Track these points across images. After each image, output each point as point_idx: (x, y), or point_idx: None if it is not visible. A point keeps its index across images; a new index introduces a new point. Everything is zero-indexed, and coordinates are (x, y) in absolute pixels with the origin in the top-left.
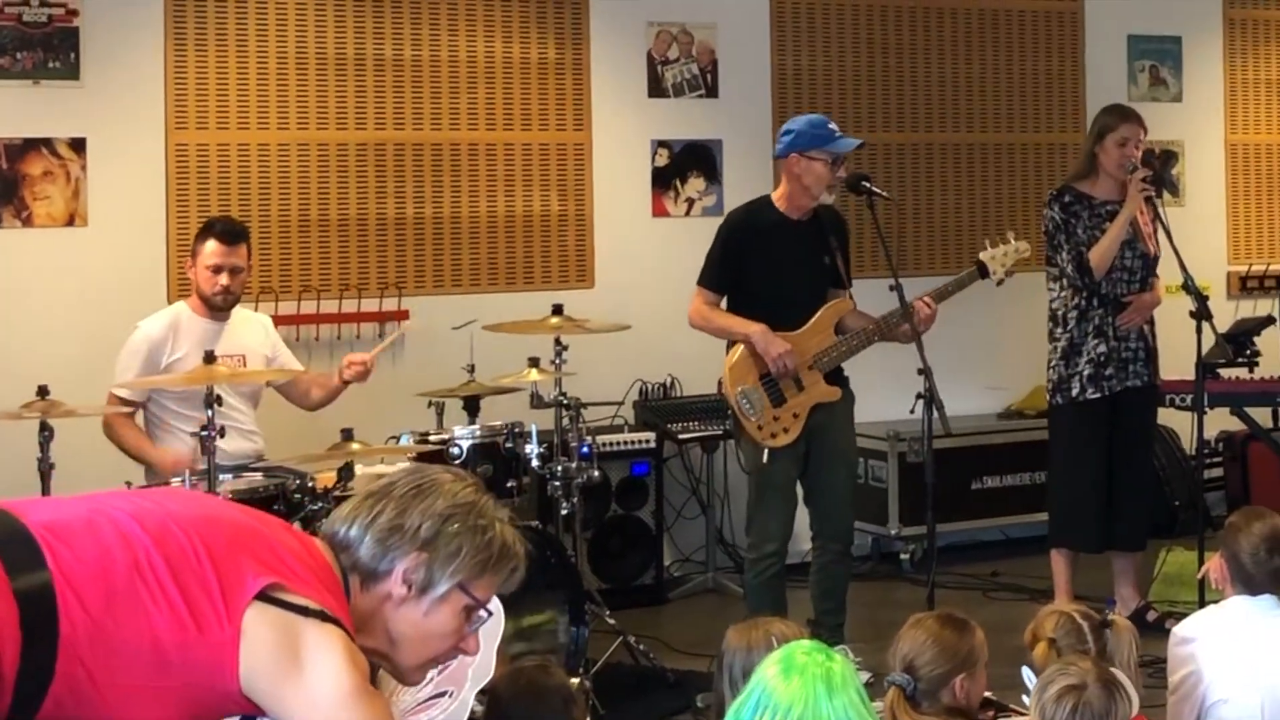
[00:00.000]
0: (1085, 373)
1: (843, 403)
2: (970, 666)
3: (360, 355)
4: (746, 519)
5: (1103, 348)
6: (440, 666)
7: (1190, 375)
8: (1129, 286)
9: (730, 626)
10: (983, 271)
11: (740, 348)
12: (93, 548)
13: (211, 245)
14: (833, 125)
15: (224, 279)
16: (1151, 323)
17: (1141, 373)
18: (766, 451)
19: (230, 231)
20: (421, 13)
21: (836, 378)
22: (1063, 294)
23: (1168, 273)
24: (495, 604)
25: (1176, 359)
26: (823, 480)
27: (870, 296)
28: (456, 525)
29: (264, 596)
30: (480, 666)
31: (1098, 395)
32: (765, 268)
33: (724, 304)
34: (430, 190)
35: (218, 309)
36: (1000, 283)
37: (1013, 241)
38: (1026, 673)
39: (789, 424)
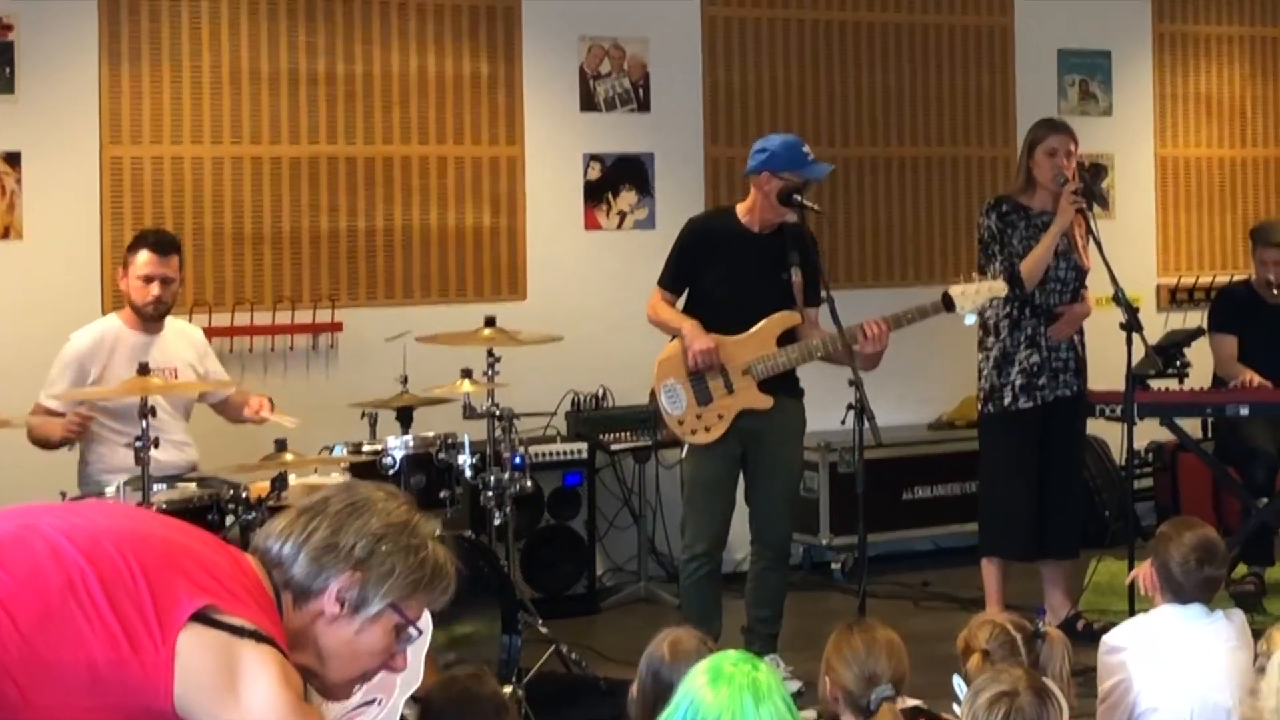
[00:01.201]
0: (1018, 382)
1: (788, 413)
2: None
3: (264, 414)
4: (680, 522)
5: (1035, 357)
6: None
7: (1121, 386)
8: (1061, 297)
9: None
10: (948, 305)
11: (676, 343)
12: (24, 565)
13: (144, 256)
14: (807, 149)
15: (155, 289)
16: (1081, 333)
17: (1071, 382)
18: (685, 448)
19: (162, 242)
20: (354, 28)
21: (788, 388)
22: (994, 304)
23: (1098, 285)
24: (425, 617)
25: (1107, 370)
26: (760, 487)
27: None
28: (389, 545)
29: (199, 617)
30: (409, 673)
31: (1030, 404)
32: (718, 274)
33: (680, 305)
34: (363, 203)
35: (149, 319)
36: (973, 319)
37: (987, 279)
38: (958, 681)
39: (711, 423)
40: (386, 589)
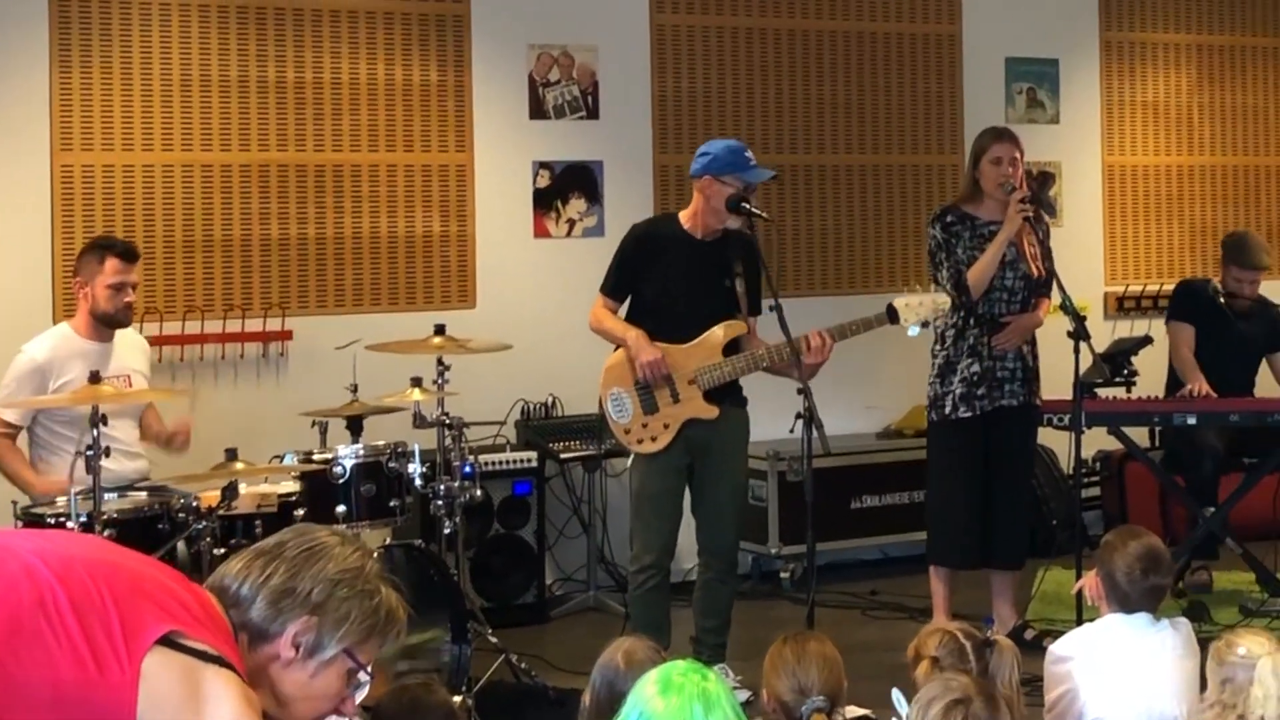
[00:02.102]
0: (958, 391)
1: (733, 423)
2: (843, 674)
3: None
4: (629, 533)
5: (976, 367)
6: None
7: (1068, 395)
8: (1009, 307)
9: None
10: (892, 317)
11: (621, 352)
12: None
13: (113, 263)
14: (749, 154)
15: (128, 295)
16: (1033, 343)
17: (1018, 393)
18: (632, 457)
19: (130, 250)
20: (304, 35)
21: (733, 397)
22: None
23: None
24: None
25: (1054, 379)
26: (707, 498)
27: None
28: (345, 590)
29: (165, 640)
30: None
31: (969, 414)
32: (660, 282)
33: (623, 311)
34: (314, 211)
35: (118, 325)
36: (917, 331)
37: (932, 291)
38: (896, 695)
39: (658, 433)
40: (342, 634)
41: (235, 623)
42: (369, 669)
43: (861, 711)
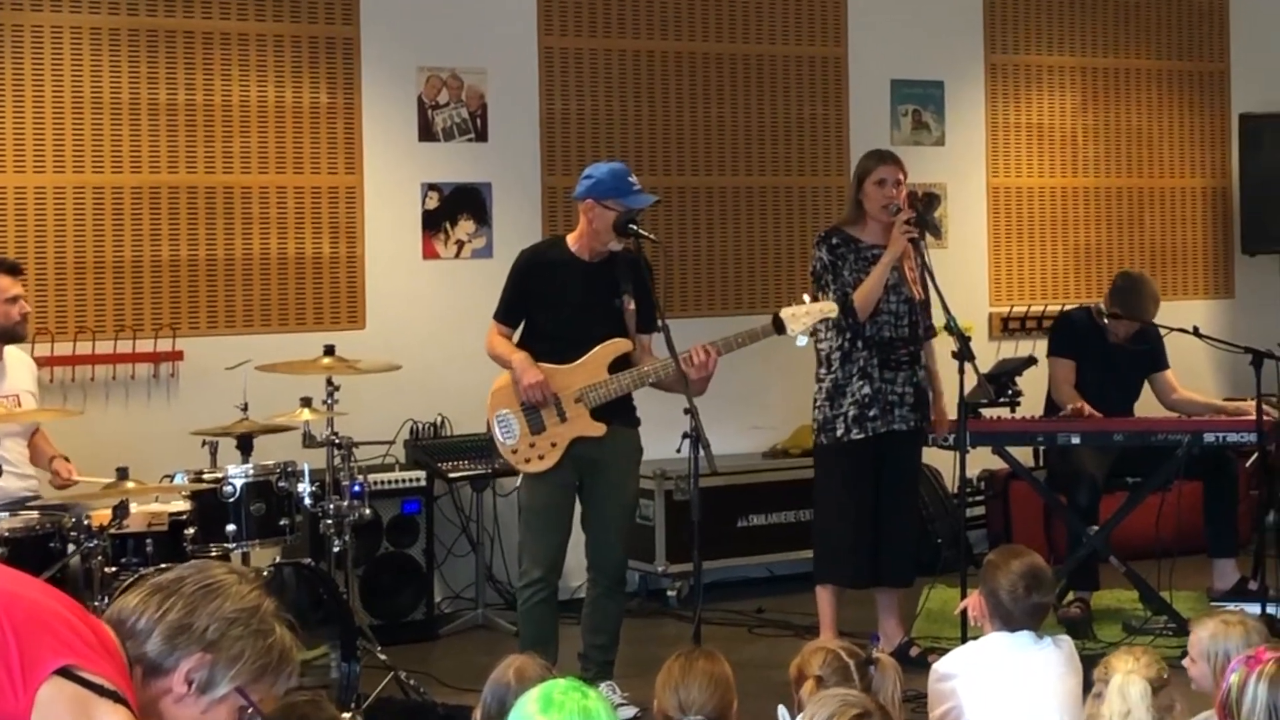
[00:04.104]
0: (850, 414)
1: (623, 442)
2: (735, 694)
3: (74, 478)
4: (518, 548)
5: (867, 389)
6: None
7: (953, 415)
8: (895, 330)
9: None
10: (779, 328)
11: (506, 374)
12: None
13: (4, 280)
14: (633, 179)
15: (18, 308)
16: (925, 369)
17: (908, 417)
18: (521, 476)
19: (14, 265)
20: (195, 57)
21: (625, 416)
22: (828, 335)
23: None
24: None
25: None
26: (596, 515)
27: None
28: (240, 629)
29: (62, 672)
30: None
31: (862, 436)
32: (551, 305)
33: (517, 336)
34: (204, 232)
35: (13, 339)
36: (804, 340)
37: (818, 300)
38: (782, 712)
39: (545, 451)
40: (235, 672)
41: (130, 656)
42: (260, 708)
43: None
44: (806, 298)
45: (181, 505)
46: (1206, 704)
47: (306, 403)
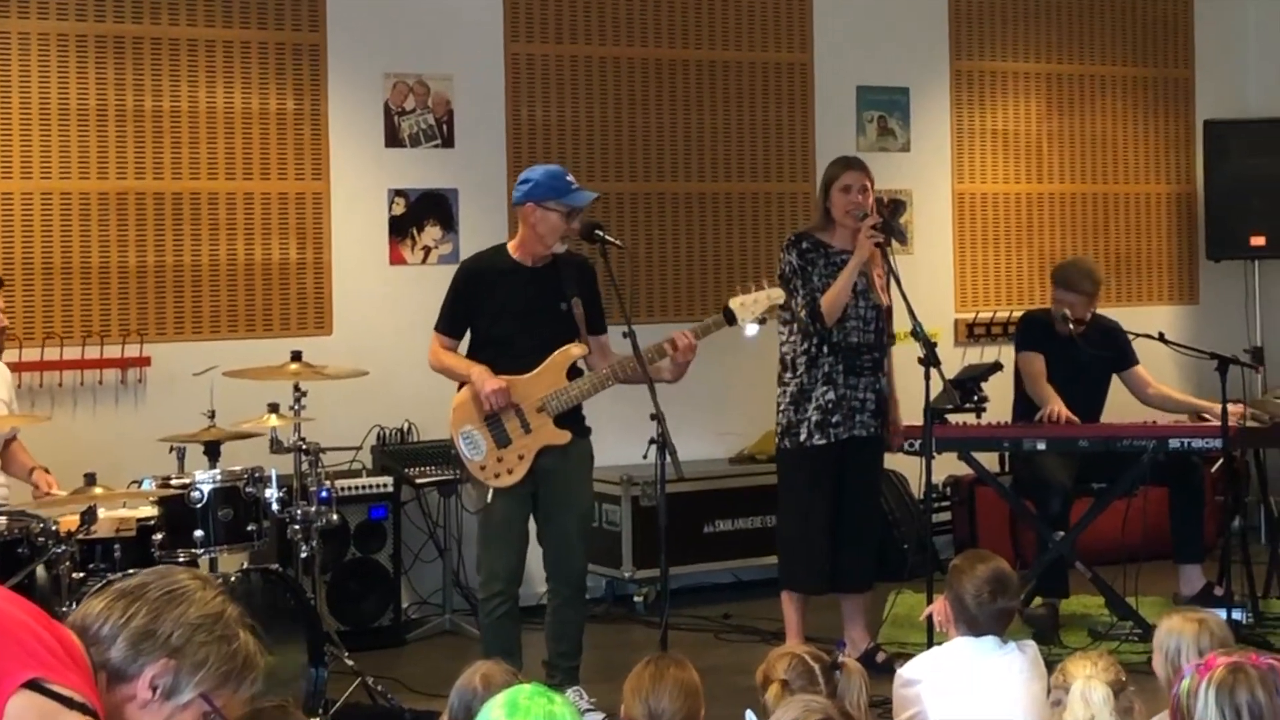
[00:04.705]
0: (813, 419)
1: (577, 448)
2: (703, 702)
3: (55, 492)
4: (476, 561)
5: (831, 395)
6: None
7: (919, 420)
8: (863, 335)
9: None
10: (730, 319)
11: (467, 389)
12: None
13: None
14: (570, 178)
15: (2, 319)
16: (888, 375)
17: (869, 423)
18: (491, 491)
19: None
20: (162, 64)
21: (577, 425)
22: (793, 339)
23: (897, 319)
24: None
25: (905, 405)
26: (553, 524)
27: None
28: (204, 635)
29: (30, 684)
30: None
31: (824, 441)
32: (496, 314)
33: (463, 347)
34: (171, 238)
35: None
36: (754, 329)
37: (765, 288)
38: (749, 717)
39: (513, 465)
40: (199, 679)
41: (95, 662)
42: (224, 714)
43: None
44: (753, 285)
45: (149, 511)
46: (1165, 704)
47: (274, 408)
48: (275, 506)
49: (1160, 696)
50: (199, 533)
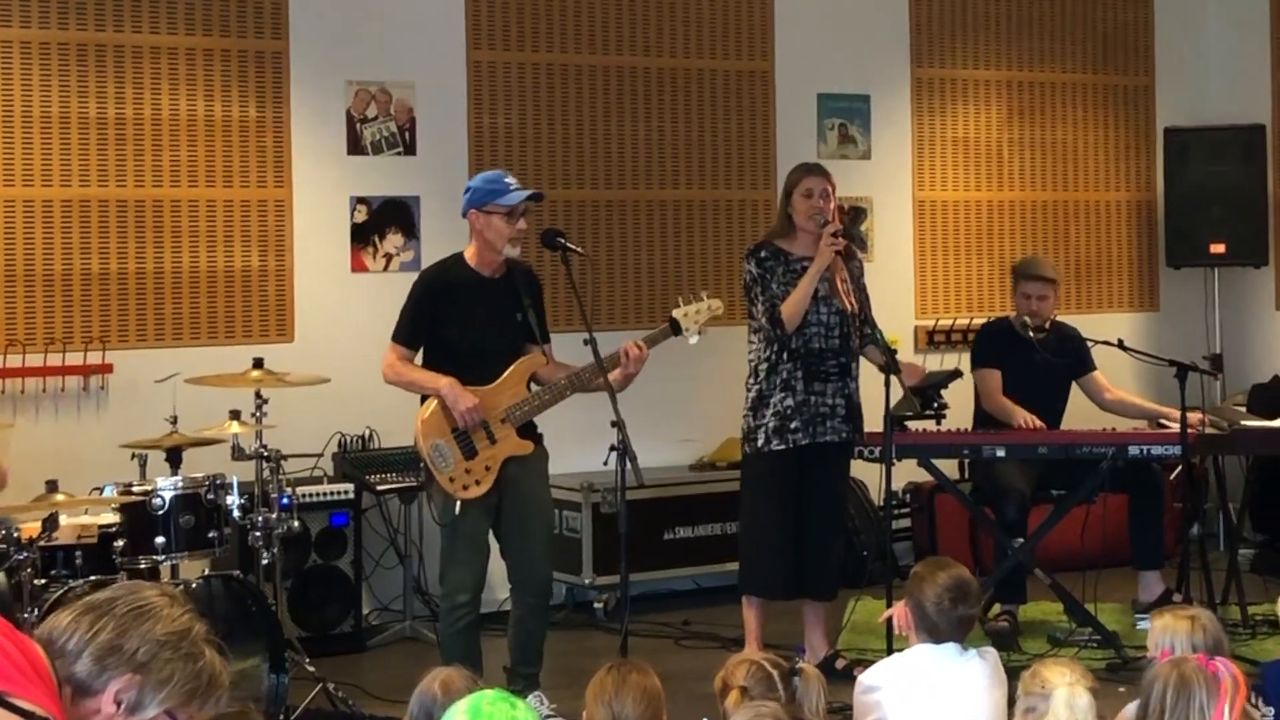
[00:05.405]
0: (770, 425)
1: (536, 457)
2: (664, 708)
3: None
4: (439, 570)
5: (790, 401)
6: None
7: (879, 427)
8: (825, 341)
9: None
10: (675, 329)
11: (433, 402)
12: None
13: None
14: (509, 179)
15: None
16: (856, 380)
17: (839, 429)
18: (459, 503)
19: None
20: (125, 71)
21: (529, 432)
22: (757, 347)
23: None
24: None
25: (866, 412)
26: (518, 533)
27: (566, 351)
28: (170, 652)
29: None
30: None
31: (782, 447)
32: (457, 324)
33: (419, 358)
34: (134, 245)
35: None
36: (696, 339)
37: (705, 299)
38: None
39: (481, 476)
40: (164, 695)
41: (60, 675)
42: None
43: None
44: (693, 297)
45: (111, 518)
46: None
47: (235, 415)
48: (237, 513)
49: (1120, 701)
50: (160, 539)
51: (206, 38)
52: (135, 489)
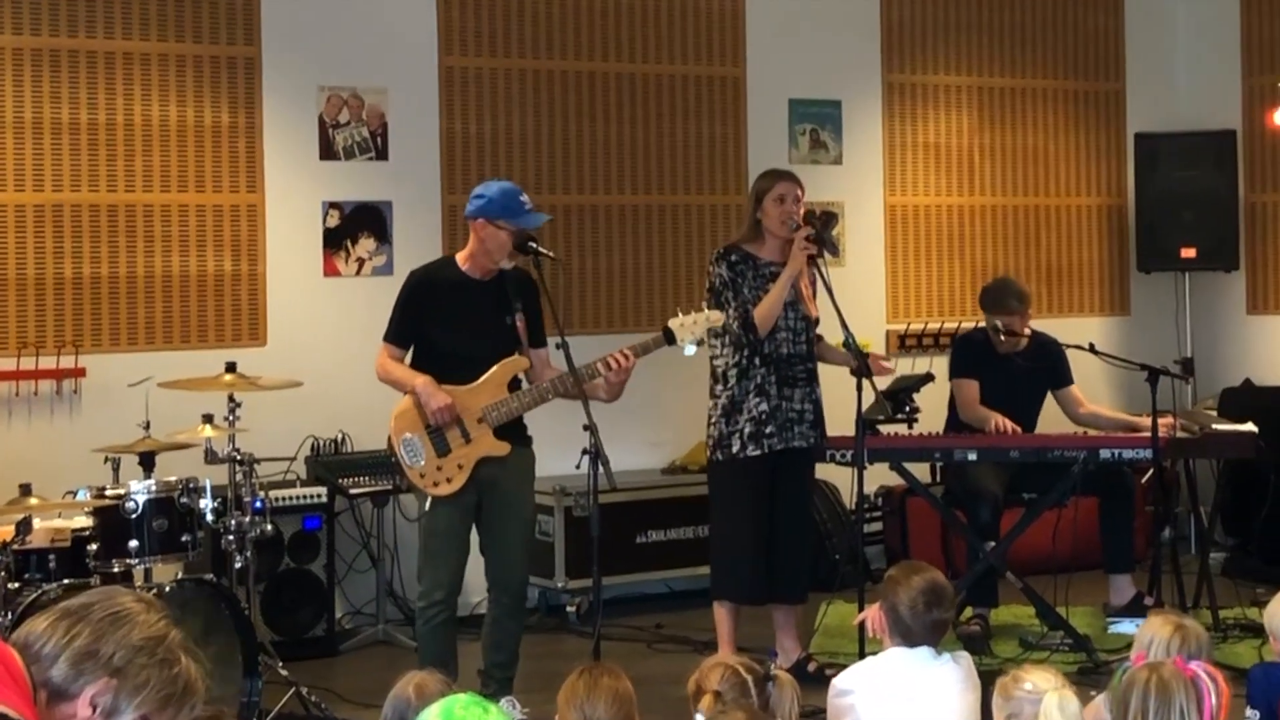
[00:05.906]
0: (746, 430)
1: (520, 458)
2: (637, 711)
3: None
4: (417, 568)
5: (764, 406)
6: None
7: (851, 431)
8: (794, 346)
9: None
10: (669, 339)
11: (408, 397)
12: None
13: None
14: (525, 199)
15: None
16: (819, 385)
17: (808, 434)
18: (430, 500)
19: None
20: (97, 76)
21: (518, 435)
22: (724, 352)
23: (829, 330)
24: None
25: (838, 416)
26: (495, 533)
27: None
28: (146, 658)
29: None
30: None
31: (758, 452)
32: (444, 325)
33: (409, 357)
34: (106, 250)
35: None
36: (693, 350)
37: (705, 310)
38: None
39: (453, 474)
40: (140, 700)
41: (36, 680)
42: None
43: None
44: (691, 309)
45: (84, 521)
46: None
47: (208, 419)
48: (210, 517)
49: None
50: (134, 543)
51: (179, 43)
52: (108, 493)
